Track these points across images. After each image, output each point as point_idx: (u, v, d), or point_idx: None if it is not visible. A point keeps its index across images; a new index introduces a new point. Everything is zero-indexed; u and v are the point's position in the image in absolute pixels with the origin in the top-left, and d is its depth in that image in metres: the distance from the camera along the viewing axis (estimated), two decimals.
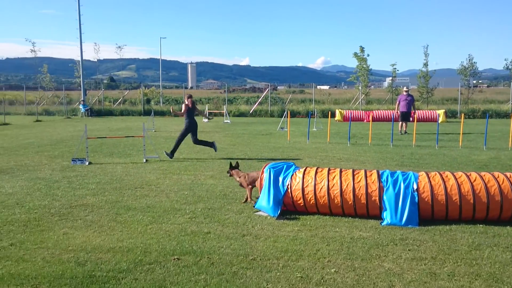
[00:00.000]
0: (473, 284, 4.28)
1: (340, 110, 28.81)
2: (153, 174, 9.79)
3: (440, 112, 26.70)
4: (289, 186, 6.68)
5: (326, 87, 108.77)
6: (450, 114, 30.28)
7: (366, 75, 36.01)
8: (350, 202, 6.35)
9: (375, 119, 25.55)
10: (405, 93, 19.41)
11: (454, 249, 5.19)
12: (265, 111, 33.77)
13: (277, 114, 32.14)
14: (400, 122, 19.27)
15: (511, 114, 27.78)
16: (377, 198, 6.28)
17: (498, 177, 6.23)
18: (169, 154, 12.10)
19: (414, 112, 18.93)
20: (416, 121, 15.91)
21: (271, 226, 6.09)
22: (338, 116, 27.81)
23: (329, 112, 19.78)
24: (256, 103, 36.52)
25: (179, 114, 13.06)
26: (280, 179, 6.80)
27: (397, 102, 19.58)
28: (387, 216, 6.17)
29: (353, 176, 6.49)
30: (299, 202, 6.63)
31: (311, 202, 6.55)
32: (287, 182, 6.72)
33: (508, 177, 6.21)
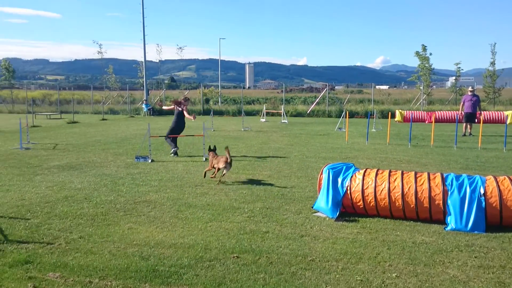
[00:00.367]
0: None
1: (400, 111, 28.04)
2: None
3: (508, 113, 25.36)
4: (349, 188, 6.59)
5: (386, 87, 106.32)
6: None
7: (428, 75, 34.86)
8: (412, 206, 6.18)
9: (438, 120, 24.68)
10: (470, 93, 18.60)
11: None
12: (323, 111, 33.48)
13: (335, 115, 31.78)
14: (464, 124, 18.50)
15: None
16: (441, 202, 6.07)
17: None
18: (174, 153, 12.61)
19: (480, 113, 18.10)
20: (482, 123, 15.20)
21: (330, 228, 6.05)
22: (398, 117, 27.09)
23: (389, 113, 19.32)
24: (314, 103, 36.27)
25: (168, 107, 14.20)
26: (339, 180, 6.73)
27: (462, 103, 18.79)
28: (452, 221, 5.96)
29: (416, 179, 6.32)
30: (359, 204, 6.54)
31: (371, 204, 6.44)
32: (347, 184, 6.64)
33: None
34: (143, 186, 8.59)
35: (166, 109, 13.73)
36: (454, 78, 38.68)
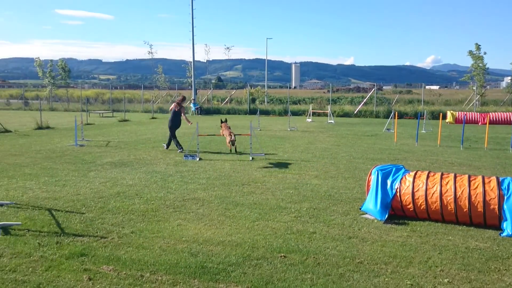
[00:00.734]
0: None
1: (452, 112, 27.16)
2: (259, 172, 10.03)
3: None
4: (398, 190, 6.47)
5: (436, 87, 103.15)
6: None
7: (482, 75, 33.57)
8: (465, 210, 5.99)
9: (492, 122, 23.72)
10: None
11: None
12: (370, 112, 32.92)
13: (383, 115, 31.17)
14: None
15: None
16: (496, 207, 5.85)
17: None
18: (180, 149, 13.39)
19: None
20: None
21: (378, 230, 5.95)
22: (450, 118, 26.25)
23: (440, 114, 18.76)
24: (361, 104, 35.73)
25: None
26: (389, 182, 6.61)
27: None
28: (508, 227, 5.72)
29: (469, 182, 6.11)
30: (409, 207, 6.40)
31: (422, 208, 6.28)
32: (396, 186, 6.51)
33: None
34: (192, 184, 8.75)
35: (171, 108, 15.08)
36: (510, 78, 37.03)
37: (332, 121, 26.60)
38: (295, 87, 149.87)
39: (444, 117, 25.87)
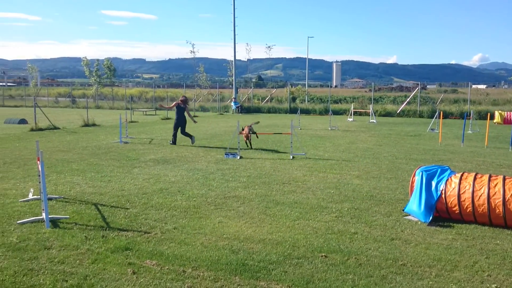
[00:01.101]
0: None
1: (500, 112, 26.18)
2: (300, 171, 9.99)
3: None
4: (443, 192, 6.30)
5: (483, 87, 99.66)
6: None
7: None
8: None
9: None
10: None
11: None
12: (414, 111, 32.18)
13: (427, 115, 30.40)
14: None
15: None
16: None
17: None
18: (172, 142, 14.75)
19: None
20: None
21: (422, 232, 5.82)
22: (498, 118, 25.33)
23: (487, 114, 18.15)
24: (404, 103, 34.98)
25: (164, 108, 16.79)
26: (433, 184, 6.45)
27: None
28: None
29: None
30: (454, 209, 6.22)
31: (468, 210, 6.10)
32: (441, 187, 6.35)
33: None
34: (232, 182, 8.82)
35: (167, 108, 16.73)
36: None
37: (374, 121, 26.18)
38: (336, 86, 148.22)
39: (492, 117, 24.98)
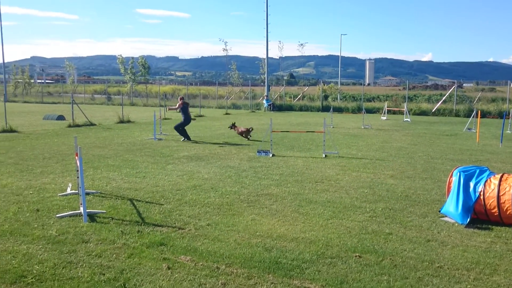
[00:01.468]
0: None
1: None
2: (333, 170, 9.92)
3: None
4: (482, 193, 6.13)
5: None
6: None
7: None
8: None
9: None
10: None
11: None
12: (449, 110, 31.45)
13: (463, 114, 29.67)
14: None
15: None
16: None
17: None
18: (187, 139, 15.21)
19: None
20: None
21: (459, 234, 5.68)
22: None
23: None
24: (440, 102, 34.21)
25: (173, 109, 16.26)
26: (471, 185, 6.29)
27: None
28: None
29: None
30: (493, 211, 6.05)
31: (508, 213, 5.92)
32: (480, 189, 6.18)
33: None
34: (265, 180, 8.83)
35: (175, 108, 16.09)
36: None
37: (408, 119, 25.72)
38: (369, 84, 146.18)
39: None
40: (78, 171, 6.42)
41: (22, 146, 13.30)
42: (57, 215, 6.31)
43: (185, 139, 15.29)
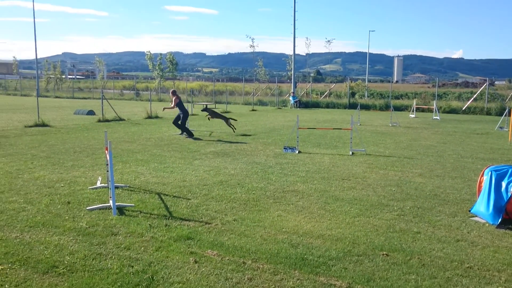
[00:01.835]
0: None
1: None
2: (360, 167, 9.83)
3: None
4: None
5: None
6: None
7: None
8: None
9: None
10: None
11: None
12: (480, 108, 30.73)
13: (495, 112, 28.94)
14: None
15: None
16: None
17: None
18: (189, 136, 14.84)
19: None
20: None
21: (490, 235, 5.56)
22: None
23: None
24: (470, 99, 33.47)
25: (170, 108, 16.05)
26: (503, 184, 6.13)
27: None
28: None
29: None
30: None
31: None
32: None
33: None
34: (291, 176, 8.82)
35: (171, 107, 15.82)
36: None
37: (438, 117, 25.25)
38: (397, 81, 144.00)
39: None
40: (108, 165, 6.55)
41: (54, 140, 13.63)
42: (87, 208, 6.45)
43: (185, 135, 14.98)
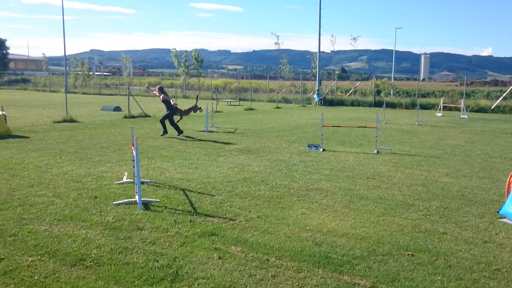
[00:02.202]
0: None
1: None
2: (385, 166, 9.73)
3: None
4: None
5: None
6: None
7: None
8: None
9: None
10: None
11: None
12: (510, 108, 29.98)
13: None
14: None
15: None
16: None
17: None
18: (179, 133, 14.14)
19: None
20: None
21: None
22: None
23: None
24: (500, 98, 32.70)
25: (172, 102, 14.64)
26: None
27: None
28: None
29: None
30: None
31: None
32: None
33: None
34: (315, 174, 8.80)
35: (173, 103, 14.91)
36: None
37: (465, 116, 24.77)
38: (424, 79, 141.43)
39: None
40: (134, 161, 6.65)
41: (82, 136, 13.90)
42: (114, 202, 6.56)
43: (166, 135, 14.08)
